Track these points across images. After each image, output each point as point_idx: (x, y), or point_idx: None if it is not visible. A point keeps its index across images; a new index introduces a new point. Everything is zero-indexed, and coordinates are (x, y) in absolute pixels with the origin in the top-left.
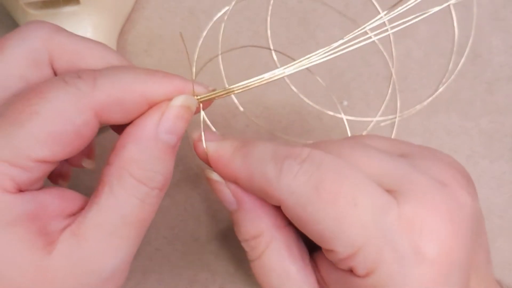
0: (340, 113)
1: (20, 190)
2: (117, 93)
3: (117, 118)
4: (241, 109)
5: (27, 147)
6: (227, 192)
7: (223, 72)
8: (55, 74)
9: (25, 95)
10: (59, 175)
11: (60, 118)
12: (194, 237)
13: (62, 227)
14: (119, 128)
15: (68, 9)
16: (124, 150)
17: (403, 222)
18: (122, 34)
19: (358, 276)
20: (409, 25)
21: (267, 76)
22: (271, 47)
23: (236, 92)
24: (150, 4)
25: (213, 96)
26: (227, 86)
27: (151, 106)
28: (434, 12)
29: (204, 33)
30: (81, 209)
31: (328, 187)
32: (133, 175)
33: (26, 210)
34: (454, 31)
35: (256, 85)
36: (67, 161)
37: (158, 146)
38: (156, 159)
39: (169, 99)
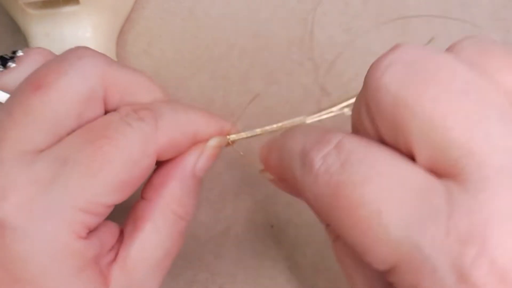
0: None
1: (89, 232)
2: (175, 135)
3: (168, 156)
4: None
5: (100, 195)
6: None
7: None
8: (105, 108)
9: (94, 140)
10: None
11: (131, 165)
12: (194, 237)
13: (108, 261)
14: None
15: (68, 9)
16: (166, 189)
17: (452, 237)
18: (121, 34)
19: None
20: (408, 26)
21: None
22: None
23: (262, 134)
24: (150, 4)
25: (242, 137)
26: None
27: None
28: (434, 11)
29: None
30: (118, 239)
31: (347, 192)
32: (176, 212)
33: (94, 253)
34: (453, 31)
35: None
36: None
37: (194, 182)
38: (192, 194)
39: (203, 141)
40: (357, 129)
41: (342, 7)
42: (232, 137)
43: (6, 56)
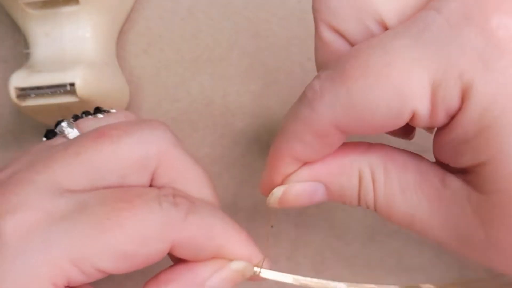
0: None
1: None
2: (200, 236)
3: (184, 255)
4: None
5: (96, 256)
6: (303, 185)
7: None
8: (152, 183)
9: (119, 201)
10: None
11: (140, 241)
12: None
13: None
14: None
15: (68, 9)
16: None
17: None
18: (121, 34)
19: None
20: None
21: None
22: None
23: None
24: (150, 4)
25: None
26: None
27: (215, 257)
28: None
29: None
30: None
31: None
32: None
33: None
34: None
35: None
36: None
37: None
38: None
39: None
40: None
41: None
42: (261, 271)
43: (101, 108)
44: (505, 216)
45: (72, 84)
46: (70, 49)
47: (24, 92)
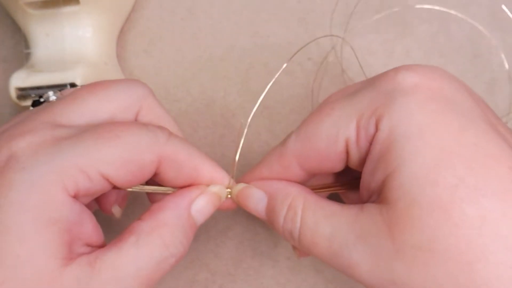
0: None
1: (75, 197)
2: (181, 156)
3: (168, 175)
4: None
5: (101, 162)
6: (255, 192)
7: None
8: None
9: (114, 122)
10: (116, 201)
11: (135, 150)
12: (194, 237)
13: (83, 251)
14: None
15: (68, 9)
16: (161, 212)
17: None
18: (122, 34)
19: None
20: (408, 24)
21: None
22: None
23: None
24: (150, 4)
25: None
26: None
27: (193, 183)
28: (434, 12)
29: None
30: (99, 247)
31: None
32: (162, 237)
33: (69, 217)
34: (454, 30)
35: None
36: (100, 207)
37: (189, 220)
38: (184, 230)
39: (208, 185)
40: None
41: (341, 5)
42: (234, 190)
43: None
44: (406, 218)
45: (72, 84)
46: (71, 49)
47: (24, 92)
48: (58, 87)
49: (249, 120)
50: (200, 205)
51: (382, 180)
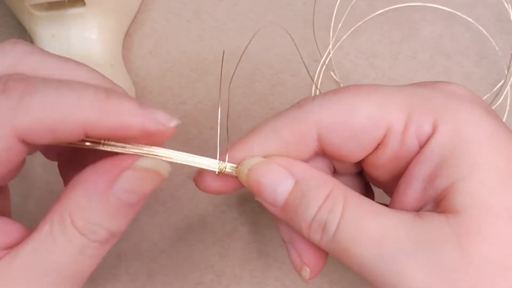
0: None
1: None
2: (46, 119)
3: (46, 142)
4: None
5: None
6: (277, 169)
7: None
8: None
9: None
10: None
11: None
12: (199, 239)
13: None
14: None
15: (74, 10)
16: (72, 193)
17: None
18: (128, 35)
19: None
20: (413, 26)
21: None
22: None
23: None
24: (156, 6)
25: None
26: None
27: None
28: (439, 14)
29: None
30: (20, 242)
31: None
32: (74, 224)
33: None
34: (459, 32)
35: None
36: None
37: (111, 201)
38: (104, 213)
39: (137, 156)
40: None
41: (347, 6)
42: (244, 165)
43: None
44: (480, 228)
45: None
46: (76, 51)
47: None
48: None
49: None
50: (126, 183)
51: (446, 187)
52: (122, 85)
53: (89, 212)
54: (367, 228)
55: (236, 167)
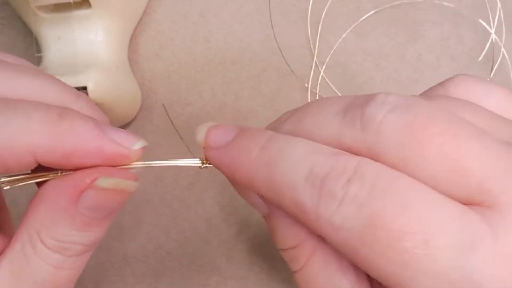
0: None
1: None
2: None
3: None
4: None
5: None
6: (253, 195)
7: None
8: None
9: None
10: None
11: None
12: (205, 240)
13: None
14: None
15: (80, 12)
16: (36, 211)
17: (500, 260)
18: (133, 37)
19: None
20: (420, 28)
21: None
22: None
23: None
24: (161, 8)
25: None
26: None
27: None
28: (446, 16)
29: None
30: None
31: (387, 222)
32: (44, 243)
33: None
34: (465, 34)
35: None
36: None
37: (77, 219)
38: (73, 230)
39: (97, 172)
40: None
41: (353, 8)
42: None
43: None
44: None
45: (84, 88)
46: (82, 53)
47: None
48: None
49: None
50: (88, 203)
51: None
52: (127, 87)
53: (56, 230)
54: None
55: None
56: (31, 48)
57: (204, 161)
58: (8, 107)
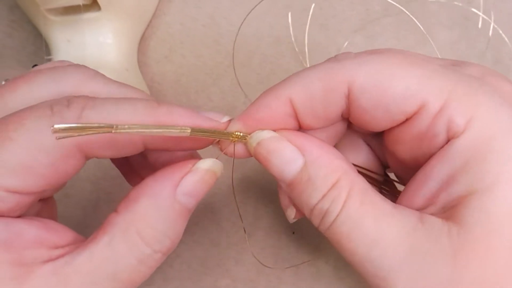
0: None
1: None
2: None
3: (108, 155)
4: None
5: None
6: (288, 148)
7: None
8: None
9: (8, 117)
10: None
11: (35, 148)
12: (215, 243)
13: (44, 258)
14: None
15: (89, 15)
16: (137, 204)
17: None
18: (143, 40)
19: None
20: (429, 31)
21: None
22: (296, 49)
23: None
24: (171, 10)
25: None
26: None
27: (149, 147)
28: (456, 19)
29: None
30: (70, 243)
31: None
32: (140, 233)
33: None
34: (474, 36)
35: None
36: None
37: (175, 207)
38: (169, 220)
39: (194, 159)
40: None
41: (361, 11)
42: (253, 137)
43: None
44: (481, 249)
45: None
46: (91, 56)
47: None
48: None
49: None
50: (188, 187)
51: (462, 196)
52: None
53: (156, 220)
54: (364, 227)
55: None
56: (40, 51)
57: (236, 138)
58: (118, 100)
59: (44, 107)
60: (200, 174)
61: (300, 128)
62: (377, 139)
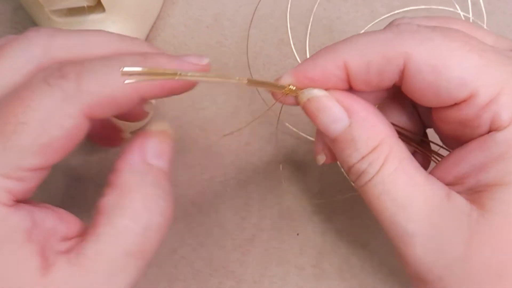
0: None
1: (18, 201)
2: (106, 92)
3: (110, 113)
4: None
5: (18, 158)
6: (336, 107)
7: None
8: None
9: (9, 103)
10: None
11: (48, 126)
12: (219, 245)
13: (59, 250)
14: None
15: (94, 16)
16: (118, 179)
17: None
18: (147, 41)
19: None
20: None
21: None
22: (295, 55)
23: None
24: (175, 12)
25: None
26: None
27: (145, 98)
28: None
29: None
30: (78, 234)
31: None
32: (132, 206)
33: (22, 226)
34: None
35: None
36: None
37: (152, 173)
38: (154, 185)
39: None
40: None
41: (366, 12)
42: (304, 94)
43: None
44: (497, 237)
45: None
46: None
47: None
48: None
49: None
50: (154, 150)
51: (491, 184)
52: None
53: (144, 189)
54: (393, 192)
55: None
56: None
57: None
58: (107, 61)
59: (39, 83)
60: (156, 136)
61: (349, 89)
62: None
